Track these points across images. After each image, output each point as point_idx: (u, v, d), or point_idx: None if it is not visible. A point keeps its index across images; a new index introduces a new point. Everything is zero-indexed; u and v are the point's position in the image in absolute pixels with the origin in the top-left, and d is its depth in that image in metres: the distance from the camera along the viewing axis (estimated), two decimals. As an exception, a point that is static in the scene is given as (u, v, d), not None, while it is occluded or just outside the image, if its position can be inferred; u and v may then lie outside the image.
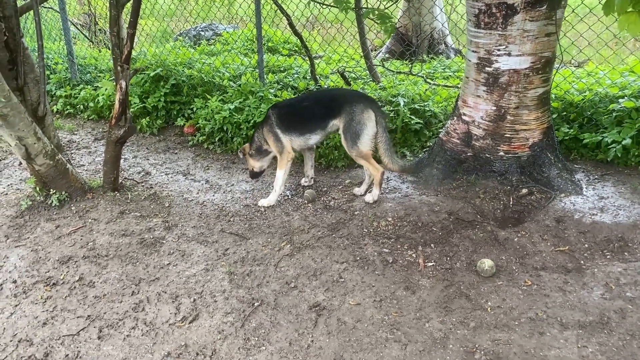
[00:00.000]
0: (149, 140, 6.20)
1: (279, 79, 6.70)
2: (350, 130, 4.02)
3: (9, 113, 3.67)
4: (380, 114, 4.06)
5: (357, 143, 4.03)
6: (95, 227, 3.94)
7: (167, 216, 4.18)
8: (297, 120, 4.24)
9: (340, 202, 4.35)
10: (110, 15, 3.79)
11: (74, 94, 7.18)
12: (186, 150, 5.82)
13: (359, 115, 3.99)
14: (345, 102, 4.07)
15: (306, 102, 4.43)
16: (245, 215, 4.24)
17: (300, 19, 10.07)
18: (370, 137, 4.02)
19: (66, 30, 7.32)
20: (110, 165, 4.31)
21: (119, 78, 3.93)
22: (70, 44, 7.36)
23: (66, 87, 7.31)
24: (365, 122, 3.99)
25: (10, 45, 3.64)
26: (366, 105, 4.02)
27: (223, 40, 9.77)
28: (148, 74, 6.56)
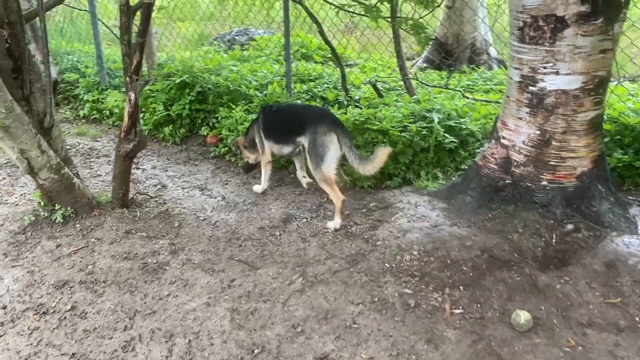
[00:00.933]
0: (170, 149, 5.98)
1: (308, 89, 6.39)
2: (314, 152, 3.97)
3: (11, 124, 3.46)
4: (344, 135, 3.97)
5: (320, 166, 3.95)
6: (97, 248, 3.69)
7: (175, 238, 3.90)
8: (275, 129, 4.39)
9: (362, 229, 3.98)
10: (121, 22, 3.55)
11: (101, 98, 7.06)
12: (207, 162, 5.57)
13: (321, 137, 3.94)
14: (308, 121, 4.05)
15: (283, 113, 4.51)
16: (258, 239, 3.92)
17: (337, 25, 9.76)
18: (334, 160, 3.94)
19: (96, 33, 7.22)
20: (119, 181, 4.07)
21: (128, 89, 3.68)
22: (100, 47, 7.25)
23: (94, 91, 7.19)
24: (327, 144, 3.93)
25: (15, 53, 3.44)
26: (329, 127, 3.95)
27: (256, 46, 9.54)
28: (174, 81, 6.36)
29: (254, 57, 8.62)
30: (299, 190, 4.78)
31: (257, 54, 8.91)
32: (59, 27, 8.93)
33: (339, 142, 3.94)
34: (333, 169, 3.94)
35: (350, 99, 6.13)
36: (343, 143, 3.94)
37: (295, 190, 4.79)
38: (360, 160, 3.90)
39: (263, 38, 9.70)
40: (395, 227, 3.90)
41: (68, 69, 7.89)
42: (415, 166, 4.81)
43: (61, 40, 8.90)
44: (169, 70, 6.66)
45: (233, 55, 8.69)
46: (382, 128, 4.86)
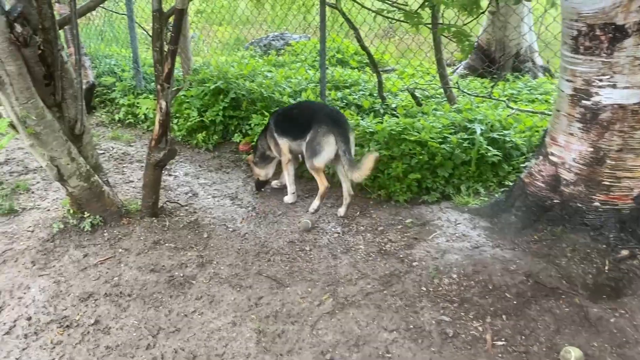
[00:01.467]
0: (203, 156, 5.90)
1: (343, 96, 6.22)
2: (311, 147, 4.23)
3: (42, 131, 3.42)
4: (341, 138, 4.11)
5: (312, 159, 4.24)
6: (124, 259, 3.61)
7: (204, 249, 3.79)
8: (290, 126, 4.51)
9: (397, 247, 3.78)
10: (154, 28, 3.46)
11: (136, 103, 7.06)
12: (239, 170, 5.46)
13: (320, 137, 4.16)
14: (314, 120, 4.23)
15: (296, 111, 4.68)
16: (287, 254, 3.77)
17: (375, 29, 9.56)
18: (326, 158, 4.21)
19: (133, 37, 7.23)
20: (149, 189, 3.99)
21: (160, 97, 3.60)
22: (137, 51, 7.26)
23: (130, 95, 7.20)
24: (323, 145, 4.16)
25: (48, 59, 3.40)
26: (330, 128, 4.14)
27: (292, 51, 9.44)
28: (208, 87, 6.29)
29: (289, 62, 8.51)
30: (330, 202, 4.62)
31: (292, 59, 8.80)
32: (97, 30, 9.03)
33: (335, 143, 4.12)
34: (323, 163, 4.25)
35: (387, 107, 5.93)
36: (339, 146, 4.11)
37: (327, 203, 4.62)
38: (350, 166, 4.05)
39: (299, 43, 9.60)
40: (433, 246, 3.69)
41: (105, 72, 7.95)
42: (455, 180, 4.58)
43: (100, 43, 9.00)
44: (204, 75, 6.60)
45: (268, 60, 8.61)
46: (420, 139, 4.65)
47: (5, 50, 3.09)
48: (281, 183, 4.88)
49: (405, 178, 4.55)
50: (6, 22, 3.03)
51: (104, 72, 7.97)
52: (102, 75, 7.85)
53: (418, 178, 4.52)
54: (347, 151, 4.10)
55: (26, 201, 4.66)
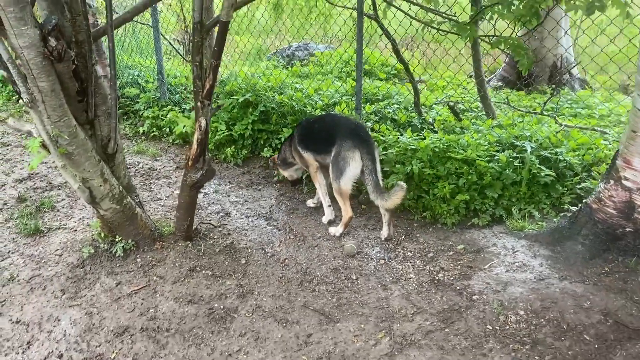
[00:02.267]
0: (232, 171, 5.67)
1: (377, 109, 5.96)
2: (336, 165, 3.97)
3: (74, 151, 3.19)
4: (368, 156, 3.90)
5: (339, 180, 3.95)
6: (159, 289, 3.36)
7: (243, 277, 3.53)
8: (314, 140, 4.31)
9: (452, 277, 3.50)
10: (194, 42, 3.23)
11: (161, 115, 6.85)
12: (270, 187, 5.21)
13: (344, 152, 3.93)
14: (338, 134, 4.01)
15: (320, 124, 4.44)
16: (333, 283, 3.50)
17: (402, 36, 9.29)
18: (352, 176, 3.93)
19: (158, 48, 7.03)
20: (184, 211, 3.74)
21: (199, 115, 3.36)
22: (161, 63, 7.06)
23: (154, 107, 7.00)
24: (349, 160, 3.91)
25: (81, 74, 3.17)
26: (355, 143, 3.92)
27: (316, 62, 9.21)
28: (237, 99, 6.07)
29: (315, 73, 8.28)
30: (371, 224, 4.35)
31: (317, 69, 8.57)
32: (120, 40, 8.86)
33: (361, 160, 3.90)
34: (350, 184, 3.94)
35: (424, 121, 5.66)
36: (365, 164, 3.90)
37: (368, 224, 4.36)
38: (376, 190, 3.84)
39: (323, 54, 9.37)
40: (492, 277, 3.40)
41: (129, 83, 7.77)
42: (505, 202, 4.29)
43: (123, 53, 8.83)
44: (232, 87, 6.39)
45: (293, 71, 8.38)
46: (466, 157, 4.37)
47: (38, 65, 2.86)
48: (318, 201, 4.62)
49: (452, 199, 4.27)
50: (40, 35, 2.81)
51: (127, 83, 7.78)
52: (125, 87, 7.67)
53: (466, 199, 4.24)
54: (374, 170, 3.90)
55: (52, 220, 4.45)
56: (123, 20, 3.52)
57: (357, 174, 3.94)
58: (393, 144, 4.79)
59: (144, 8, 3.51)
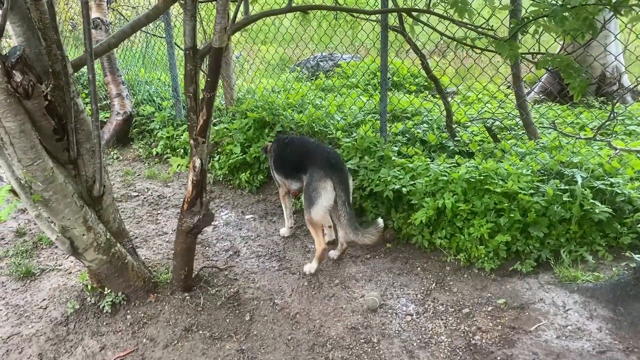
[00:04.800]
0: (247, 199, 5.23)
1: (405, 129, 5.41)
2: (307, 194, 3.74)
3: (52, 197, 2.78)
4: (342, 186, 3.64)
5: (309, 209, 3.70)
6: (148, 354, 2.91)
7: (246, 339, 3.05)
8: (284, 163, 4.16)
9: (491, 341, 2.94)
10: (186, 71, 2.78)
11: (176, 135, 6.48)
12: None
13: (315, 182, 3.68)
14: (310, 162, 3.78)
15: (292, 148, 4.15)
16: (349, 347, 2.99)
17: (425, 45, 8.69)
18: (324, 207, 3.66)
19: (172, 64, 6.66)
20: (181, 259, 3.30)
21: (193, 154, 2.91)
22: (176, 79, 6.69)
23: (169, 127, 6.64)
24: (320, 191, 3.66)
25: (58, 110, 2.76)
26: (326, 173, 3.66)
27: (341, 73, 8.71)
28: (252, 119, 5.64)
29: (339, 86, 7.78)
30: (397, 268, 3.82)
31: (343, 82, 8.06)
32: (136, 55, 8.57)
33: (334, 190, 3.65)
34: (321, 215, 3.69)
35: (458, 143, 5.09)
36: (338, 195, 3.65)
37: (393, 267, 3.83)
38: (350, 223, 3.58)
39: (349, 64, 8.87)
40: (539, 344, 2.83)
41: (145, 100, 7.44)
42: (552, 242, 3.69)
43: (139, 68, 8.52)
44: (248, 106, 5.96)
45: (317, 85, 7.90)
46: (507, 190, 3.80)
47: (2, 103, 2.46)
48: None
49: (490, 239, 3.71)
50: (2, 70, 2.40)
51: (143, 100, 7.45)
52: (141, 104, 7.34)
53: (507, 240, 3.67)
54: (347, 202, 3.64)
55: (47, 259, 4.08)
56: (108, 47, 3.09)
57: (330, 204, 3.68)
58: (422, 173, 4.26)
59: (131, 32, 3.08)
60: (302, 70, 9.61)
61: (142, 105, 7.30)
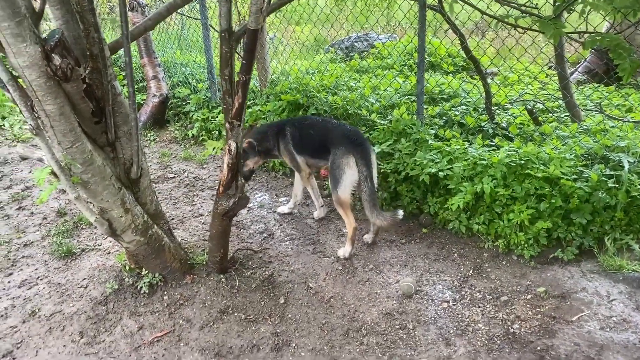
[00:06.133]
0: (280, 182, 5.23)
1: (442, 112, 5.28)
2: (332, 174, 3.74)
3: (90, 180, 2.82)
4: (364, 161, 3.65)
5: (336, 189, 3.69)
6: (185, 336, 2.95)
7: (280, 322, 3.06)
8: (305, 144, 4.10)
9: (530, 330, 2.86)
10: (221, 53, 2.75)
11: (211, 117, 6.51)
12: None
13: (338, 159, 3.70)
14: (332, 142, 3.81)
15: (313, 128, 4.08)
16: (384, 333, 2.96)
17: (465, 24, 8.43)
18: (350, 184, 3.67)
19: (207, 46, 6.65)
20: (216, 242, 3.32)
21: (229, 137, 2.90)
22: (211, 61, 6.69)
23: (204, 109, 6.66)
24: (344, 167, 3.68)
25: (96, 93, 2.79)
26: (348, 149, 3.69)
27: (376, 54, 8.56)
28: (286, 101, 5.60)
29: (375, 67, 7.65)
30: (433, 253, 3.76)
31: (378, 63, 7.92)
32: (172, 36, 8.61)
33: (357, 166, 3.65)
34: (348, 193, 3.68)
35: (497, 126, 4.94)
36: (360, 170, 3.65)
37: (429, 253, 3.77)
38: (371, 200, 3.59)
39: (385, 45, 8.70)
40: (582, 335, 2.74)
41: (180, 82, 7.48)
42: (596, 229, 3.56)
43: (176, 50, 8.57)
44: (283, 88, 5.92)
45: (351, 66, 7.78)
46: (549, 175, 3.67)
47: (42, 87, 2.49)
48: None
49: (531, 226, 3.60)
50: (42, 53, 2.43)
51: (179, 82, 7.50)
52: (176, 86, 7.39)
53: (548, 227, 3.55)
54: (370, 177, 3.63)
55: (87, 239, 4.18)
56: (144, 29, 3.10)
57: (355, 180, 3.68)
58: (460, 156, 4.15)
59: (167, 13, 3.07)
60: (337, 52, 9.49)
61: (177, 87, 7.35)
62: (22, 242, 4.16)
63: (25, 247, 4.10)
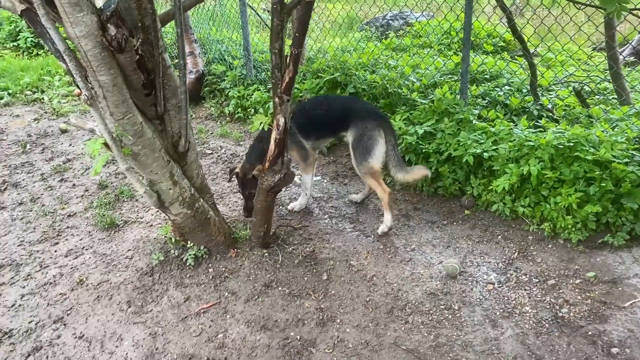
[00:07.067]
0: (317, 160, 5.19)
1: (485, 92, 5.17)
2: (361, 145, 3.77)
3: (140, 152, 2.84)
4: (390, 131, 3.84)
5: (368, 159, 3.76)
6: (230, 308, 2.98)
7: (324, 298, 3.07)
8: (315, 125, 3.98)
9: (580, 315, 2.81)
10: (272, 25, 2.72)
11: (246, 94, 6.49)
12: (357, 181, 4.68)
13: (370, 131, 3.77)
14: (356, 115, 3.83)
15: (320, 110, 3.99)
16: (429, 313, 2.94)
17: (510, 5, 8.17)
18: (381, 154, 3.77)
19: (244, 22, 6.61)
20: (261, 217, 3.32)
21: (277, 112, 2.87)
22: (247, 38, 6.65)
23: (240, 86, 6.65)
24: (376, 138, 3.76)
25: (147, 64, 2.79)
26: (377, 121, 3.80)
27: (414, 33, 8.40)
28: (324, 79, 5.55)
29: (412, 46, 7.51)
30: (476, 235, 3.70)
31: (415, 42, 7.78)
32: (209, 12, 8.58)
33: (385, 138, 3.78)
34: (380, 162, 3.77)
35: (542, 107, 4.81)
36: (388, 140, 3.79)
37: (472, 235, 3.72)
38: (399, 164, 3.80)
39: (421, 23, 8.53)
40: (636, 321, 2.68)
41: (216, 59, 7.47)
42: (648, 214, 3.46)
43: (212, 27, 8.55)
44: (320, 65, 5.87)
45: (387, 44, 7.65)
46: (599, 158, 3.56)
47: (97, 57, 2.49)
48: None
49: (579, 210, 3.51)
50: (98, 23, 2.43)
51: (214, 59, 7.49)
52: (212, 63, 7.38)
53: (597, 211, 3.46)
54: (396, 146, 3.83)
55: (129, 212, 4.24)
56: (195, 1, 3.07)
57: (384, 151, 3.79)
58: (505, 137, 4.06)
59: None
60: (371, 30, 9.35)
61: (213, 64, 7.35)
62: (66, 213, 4.24)
63: (69, 217, 4.19)
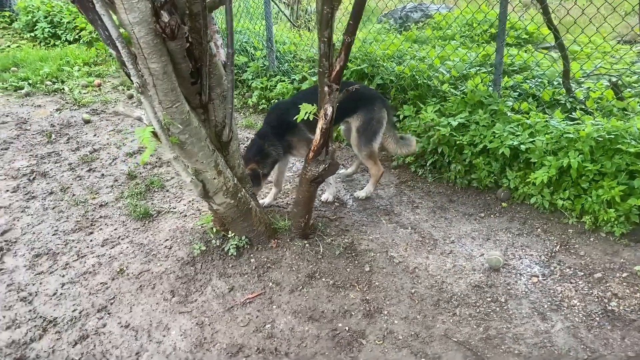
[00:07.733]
0: (345, 152, 5.18)
1: (516, 84, 5.11)
2: (367, 129, 3.90)
3: (187, 140, 2.82)
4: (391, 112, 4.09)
5: (372, 142, 3.93)
6: (276, 298, 2.97)
7: (368, 290, 3.04)
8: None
9: (630, 309, 2.78)
10: (322, 12, 2.68)
11: (269, 85, 6.46)
12: (388, 173, 4.65)
13: (377, 114, 3.91)
14: (362, 100, 3.91)
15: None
16: (476, 305, 2.91)
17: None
18: (381, 136, 3.99)
19: (267, 13, 6.57)
20: (302, 207, 3.30)
21: (325, 101, 2.84)
22: (271, 30, 6.62)
23: (262, 77, 6.61)
24: (382, 122, 3.94)
25: (195, 53, 2.76)
26: (381, 104, 3.97)
27: (435, 24, 8.32)
28: (352, 70, 5.51)
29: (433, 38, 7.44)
30: (515, 228, 3.67)
31: (437, 34, 7.71)
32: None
33: (387, 118, 3.99)
34: (379, 144, 4.01)
35: (574, 100, 4.76)
36: (389, 120, 4.01)
37: (511, 227, 3.69)
38: (397, 140, 4.09)
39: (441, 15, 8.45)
40: (690, 316, 2.64)
41: (237, 50, 7.43)
42: (692, 209, 3.42)
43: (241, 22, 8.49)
44: (346, 57, 5.81)
45: (409, 36, 7.59)
46: (641, 151, 3.52)
47: (149, 44, 2.46)
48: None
49: (622, 203, 3.47)
50: (152, 10, 2.40)
51: (236, 50, 7.45)
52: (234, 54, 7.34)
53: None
54: (394, 124, 4.14)
55: (161, 202, 4.22)
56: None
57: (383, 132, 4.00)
58: (541, 129, 4.02)
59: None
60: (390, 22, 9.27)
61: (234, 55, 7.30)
62: (97, 203, 4.23)
63: (100, 207, 4.18)
